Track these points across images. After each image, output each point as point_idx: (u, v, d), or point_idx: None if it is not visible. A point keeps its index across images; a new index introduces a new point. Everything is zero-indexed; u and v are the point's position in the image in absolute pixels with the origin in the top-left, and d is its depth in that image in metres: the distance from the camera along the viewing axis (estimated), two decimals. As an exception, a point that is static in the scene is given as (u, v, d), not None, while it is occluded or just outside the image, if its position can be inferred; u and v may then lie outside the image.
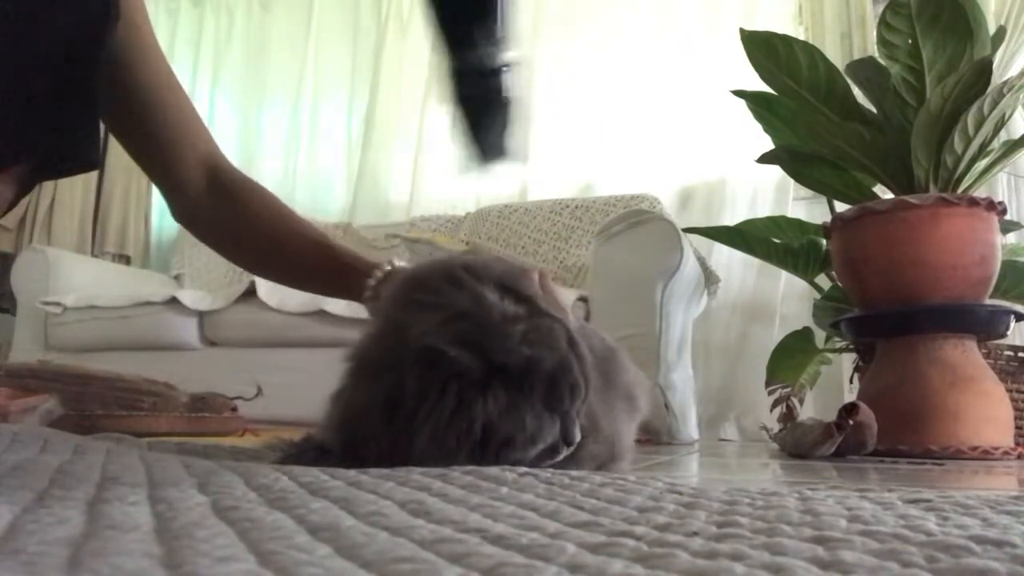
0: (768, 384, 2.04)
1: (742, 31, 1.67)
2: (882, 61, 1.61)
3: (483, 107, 0.78)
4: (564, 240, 2.75)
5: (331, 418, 0.67)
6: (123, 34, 0.76)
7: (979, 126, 1.46)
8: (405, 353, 0.61)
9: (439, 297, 0.62)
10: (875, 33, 1.62)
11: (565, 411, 0.63)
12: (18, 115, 0.64)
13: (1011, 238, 2.14)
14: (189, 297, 2.59)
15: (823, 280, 2.04)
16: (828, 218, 1.66)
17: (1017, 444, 1.45)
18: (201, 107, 3.69)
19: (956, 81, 1.42)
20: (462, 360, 0.59)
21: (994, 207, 1.48)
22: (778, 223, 2.06)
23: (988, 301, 1.53)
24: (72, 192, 3.65)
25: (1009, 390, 1.50)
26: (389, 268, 0.91)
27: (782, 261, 2.03)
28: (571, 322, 0.66)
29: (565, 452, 0.65)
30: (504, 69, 0.77)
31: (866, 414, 1.31)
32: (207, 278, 3.22)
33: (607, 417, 0.74)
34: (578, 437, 0.65)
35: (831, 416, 1.34)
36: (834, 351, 2.04)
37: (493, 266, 0.66)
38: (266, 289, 2.42)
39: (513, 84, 0.78)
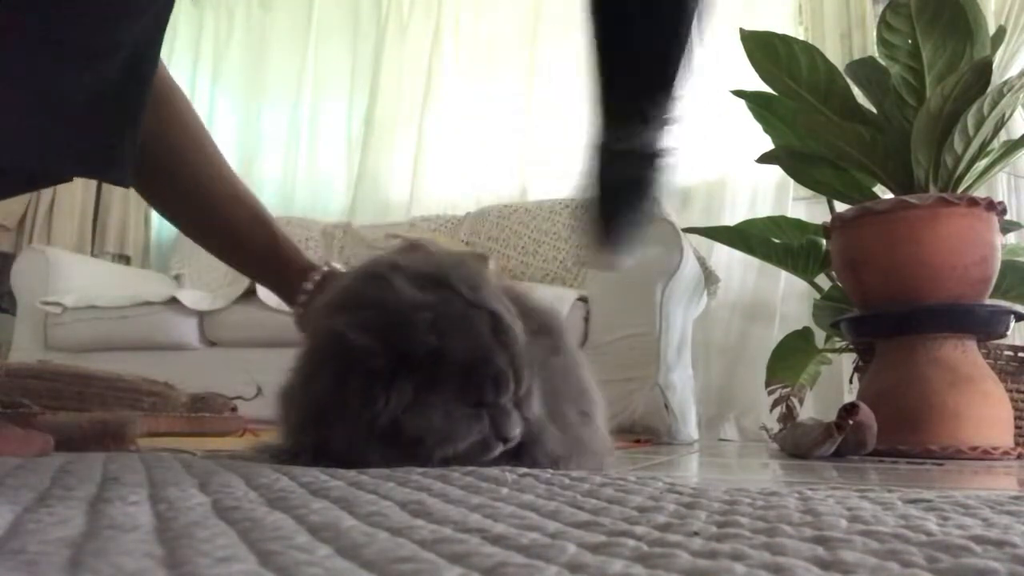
0: (768, 384, 2.04)
1: (742, 31, 1.67)
2: (882, 61, 1.61)
3: (626, 194, 0.67)
4: (564, 240, 2.75)
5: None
6: None
7: (979, 126, 1.46)
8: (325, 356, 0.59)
9: (356, 296, 0.60)
10: (875, 33, 1.62)
11: (494, 404, 0.59)
12: (61, 131, 0.60)
13: (1011, 238, 2.14)
14: (189, 297, 2.59)
15: (823, 280, 2.04)
16: (828, 218, 1.66)
17: (1017, 444, 1.46)
18: (201, 107, 3.70)
19: (956, 81, 1.43)
20: (365, 347, 0.56)
21: (994, 207, 1.48)
22: (778, 223, 2.06)
23: (988, 301, 1.53)
24: (72, 192, 3.65)
25: (1009, 390, 1.50)
26: (326, 270, 0.84)
27: (782, 261, 2.03)
28: (506, 312, 0.61)
29: (501, 448, 0.60)
30: (661, 155, 0.65)
31: (866, 414, 1.31)
32: (207, 278, 3.22)
33: (563, 411, 0.68)
34: (514, 432, 0.60)
35: (831, 416, 1.34)
36: (834, 351, 2.04)
37: (427, 258, 0.63)
38: (266, 289, 2.42)
39: (666, 174, 0.66)
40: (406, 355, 0.57)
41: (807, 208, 2.59)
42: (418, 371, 0.57)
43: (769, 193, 2.75)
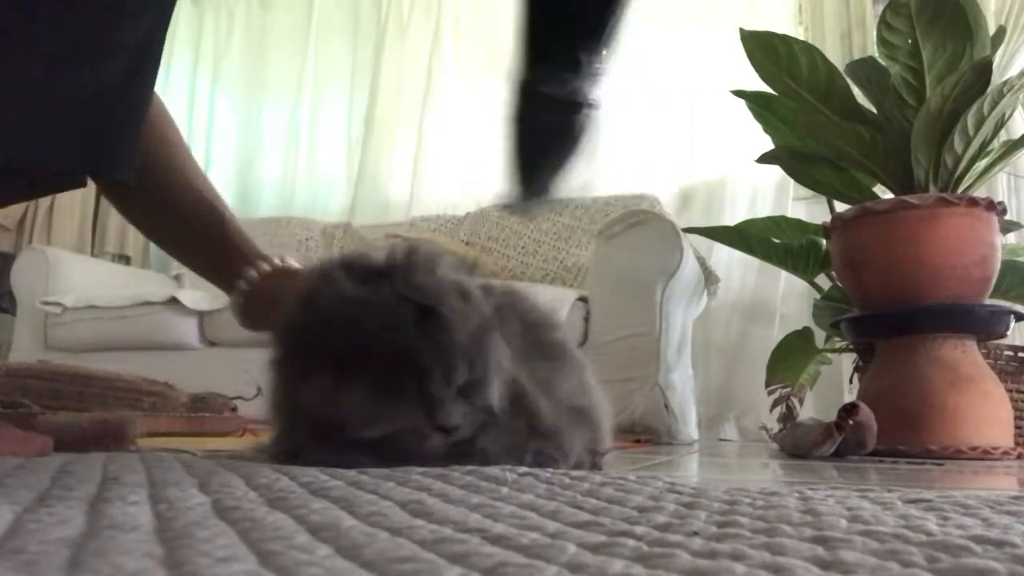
0: (768, 384, 2.04)
1: (742, 31, 1.67)
2: (882, 61, 1.61)
3: (549, 141, 0.64)
4: (564, 240, 2.75)
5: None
6: None
7: (979, 126, 1.46)
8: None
9: (298, 298, 0.63)
10: (875, 33, 1.62)
11: (425, 394, 0.59)
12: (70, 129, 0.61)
13: (1011, 238, 2.14)
14: (189, 297, 2.59)
15: (823, 280, 2.04)
16: (828, 218, 1.66)
17: (1017, 444, 1.46)
18: (201, 107, 3.70)
19: (956, 81, 1.43)
20: (294, 346, 0.61)
21: (994, 207, 1.48)
22: (778, 223, 2.06)
23: (988, 301, 1.53)
24: (72, 192, 3.64)
25: (1009, 390, 1.50)
26: (274, 266, 0.81)
27: (782, 261, 2.03)
28: (444, 303, 0.59)
29: (442, 437, 0.59)
30: (588, 106, 0.63)
31: (866, 414, 1.31)
32: (207, 278, 3.21)
33: (556, 409, 0.67)
34: (452, 420, 0.59)
35: (831, 416, 1.34)
36: (834, 351, 2.04)
37: (379, 253, 0.64)
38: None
39: (592, 127, 0.64)
40: (329, 351, 0.59)
41: (807, 208, 2.59)
42: (342, 366, 0.59)
43: (769, 193, 2.75)
